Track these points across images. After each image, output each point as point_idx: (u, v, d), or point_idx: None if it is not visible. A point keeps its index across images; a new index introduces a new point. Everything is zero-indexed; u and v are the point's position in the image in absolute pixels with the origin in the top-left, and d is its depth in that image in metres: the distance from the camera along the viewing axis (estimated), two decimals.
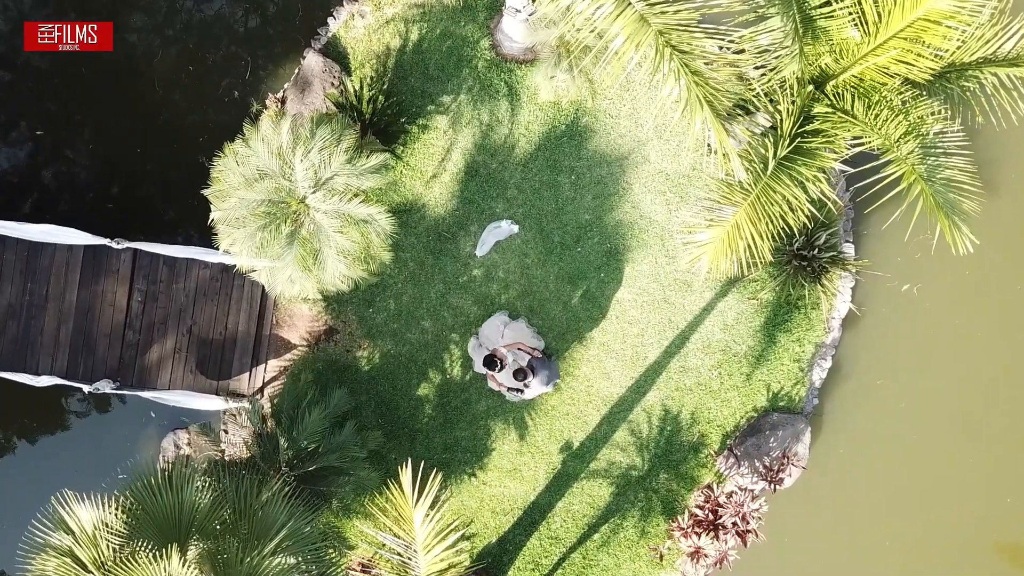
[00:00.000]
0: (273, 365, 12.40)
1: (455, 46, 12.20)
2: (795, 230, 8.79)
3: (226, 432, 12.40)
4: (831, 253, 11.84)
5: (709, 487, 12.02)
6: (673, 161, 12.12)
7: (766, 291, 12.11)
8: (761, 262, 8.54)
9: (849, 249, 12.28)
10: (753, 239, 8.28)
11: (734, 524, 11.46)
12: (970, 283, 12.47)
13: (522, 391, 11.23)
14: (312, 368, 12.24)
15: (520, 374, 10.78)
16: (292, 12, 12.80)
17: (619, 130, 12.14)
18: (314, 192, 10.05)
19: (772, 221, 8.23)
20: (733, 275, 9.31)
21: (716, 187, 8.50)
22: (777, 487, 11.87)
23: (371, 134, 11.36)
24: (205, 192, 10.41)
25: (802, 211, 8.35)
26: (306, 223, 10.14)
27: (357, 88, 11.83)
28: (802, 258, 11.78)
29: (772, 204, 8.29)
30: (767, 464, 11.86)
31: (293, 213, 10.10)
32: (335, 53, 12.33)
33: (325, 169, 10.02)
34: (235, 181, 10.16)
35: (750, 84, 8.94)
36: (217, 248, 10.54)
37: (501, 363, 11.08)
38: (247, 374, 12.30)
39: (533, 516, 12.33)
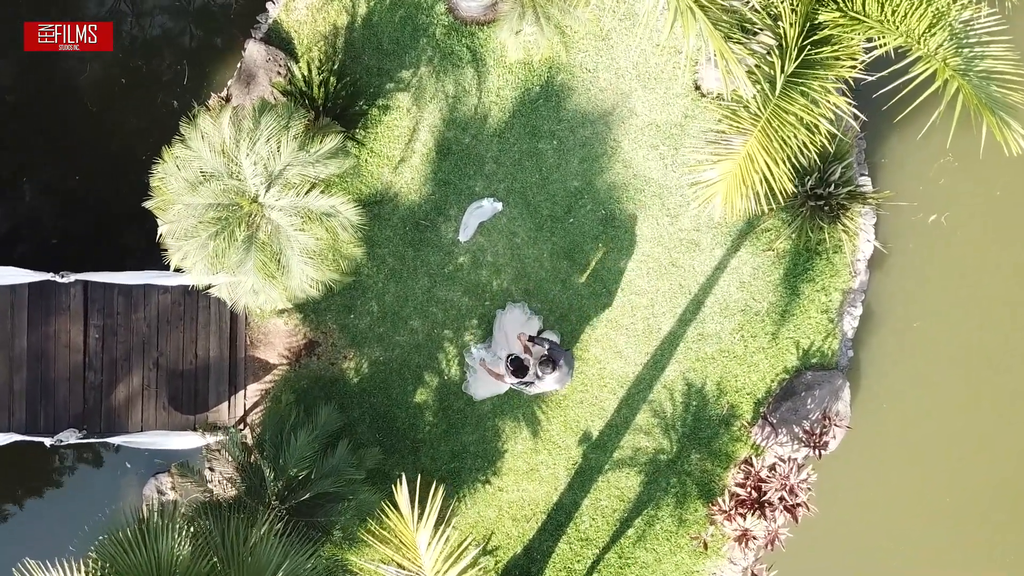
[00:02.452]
0: (254, 389, 11.28)
1: (408, 15, 11.10)
2: (815, 154, 7.71)
3: (211, 470, 11.26)
4: (848, 188, 10.77)
5: (748, 462, 10.98)
6: (663, 111, 11.03)
7: (782, 239, 11.02)
8: (781, 193, 7.43)
9: (866, 182, 11.19)
10: (768, 167, 7.18)
11: (781, 499, 10.44)
12: (1002, 204, 11.50)
13: (531, 383, 10.08)
14: (295, 387, 11.13)
15: (546, 363, 9.62)
16: (226, 7, 11.75)
17: (599, 84, 11.04)
18: (267, 189, 8.96)
19: (786, 144, 7.13)
20: (748, 216, 8.25)
21: (721, 115, 7.39)
22: (822, 452, 10.85)
23: (325, 117, 10.24)
24: (146, 204, 9.30)
25: (819, 129, 7.25)
26: (263, 225, 9.04)
27: (305, 73, 10.73)
28: (817, 197, 10.69)
29: (785, 126, 7.21)
30: (807, 428, 10.82)
31: (247, 215, 8.99)
32: (278, 40, 11.25)
33: (275, 161, 8.93)
34: (178, 187, 9.07)
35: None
36: (168, 266, 9.42)
37: (526, 363, 9.89)
38: (226, 403, 11.18)
39: (558, 518, 11.25)
